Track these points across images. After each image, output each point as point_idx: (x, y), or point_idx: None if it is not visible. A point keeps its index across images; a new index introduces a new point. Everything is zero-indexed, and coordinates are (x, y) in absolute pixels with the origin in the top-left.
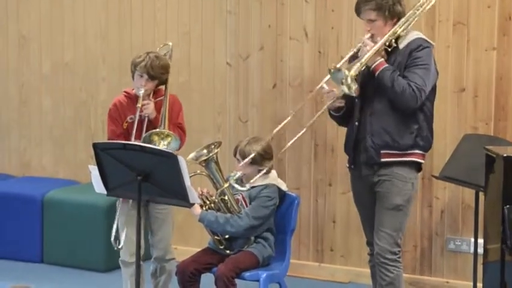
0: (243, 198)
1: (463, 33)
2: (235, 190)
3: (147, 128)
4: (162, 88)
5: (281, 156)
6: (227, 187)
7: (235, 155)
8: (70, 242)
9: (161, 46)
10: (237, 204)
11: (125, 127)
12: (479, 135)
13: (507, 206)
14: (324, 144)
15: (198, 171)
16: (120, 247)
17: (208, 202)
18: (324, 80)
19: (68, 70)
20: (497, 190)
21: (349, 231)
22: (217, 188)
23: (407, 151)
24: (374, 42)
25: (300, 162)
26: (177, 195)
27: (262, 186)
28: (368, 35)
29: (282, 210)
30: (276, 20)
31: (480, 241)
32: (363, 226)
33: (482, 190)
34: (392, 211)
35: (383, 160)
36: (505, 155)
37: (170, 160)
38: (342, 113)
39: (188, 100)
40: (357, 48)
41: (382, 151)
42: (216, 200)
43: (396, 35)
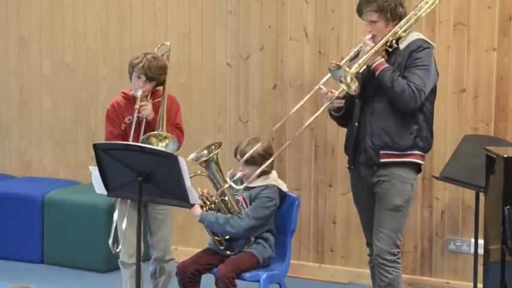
0: (244, 198)
1: (464, 33)
2: (235, 190)
3: (145, 129)
4: (160, 89)
5: (281, 156)
6: (227, 188)
7: (235, 156)
8: (70, 243)
9: (159, 46)
10: (238, 204)
11: (123, 128)
12: (479, 135)
13: (507, 207)
14: (325, 145)
15: (199, 171)
16: (118, 250)
17: (208, 203)
18: (323, 81)
19: (69, 70)
20: (497, 191)
21: (349, 232)
22: (217, 189)
23: (406, 152)
24: (375, 43)
25: (301, 163)
26: (178, 195)
27: (262, 186)
28: (369, 36)
29: (283, 210)
30: (277, 21)
31: (480, 242)
32: (363, 227)
33: (482, 191)
34: (391, 212)
35: (382, 161)
36: (505, 156)
37: (170, 161)
38: (342, 113)
39: (188, 100)
40: (358, 48)
41: (381, 151)
42: (217, 201)
43: (397, 36)
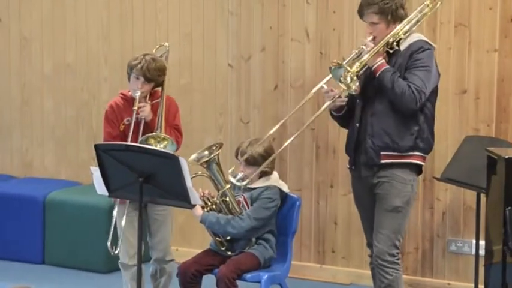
0: (245, 199)
1: (465, 35)
2: (236, 191)
3: (144, 131)
4: (159, 90)
5: (283, 157)
6: (228, 188)
7: (236, 156)
8: (71, 243)
9: (157, 47)
10: (239, 205)
11: (122, 129)
12: (480, 136)
13: (509, 208)
14: (326, 145)
15: (200, 172)
16: (116, 252)
17: (209, 203)
18: (324, 81)
19: (70, 70)
20: (498, 192)
21: (350, 232)
22: (218, 190)
23: (407, 153)
24: (375, 44)
25: (302, 163)
26: (179, 196)
27: (263, 187)
28: (370, 38)
29: (284, 211)
30: (278, 21)
31: (482, 243)
32: (363, 228)
33: (483, 192)
34: (391, 213)
35: (383, 161)
36: (507, 157)
37: (172, 161)
38: (343, 113)
39: (190, 101)
40: (359, 50)
41: (381, 152)
42: (218, 201)
43: (397, 37)
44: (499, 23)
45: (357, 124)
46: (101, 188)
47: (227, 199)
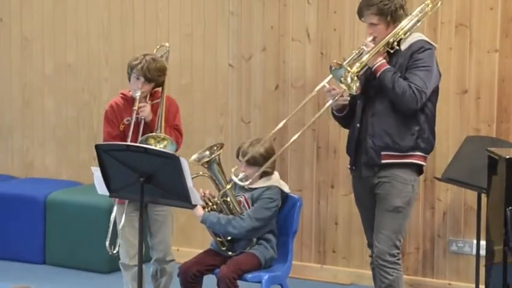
0: (246, 199)
1: (466, 35)
2: (237, 191)
3: (144, 131)
4: (159, 90)
5: (283, 157)
6: (229, 188)
7: (237, 157)
8: (72, 243)
9: (158, 47)
10: (239, 205)
11: (122, 129)
12: (481, 137)
13: (509, 208)
14: (326, 146)
15: (201, 172)
16: (115, 252)
17: (210, 203)
18: (325, 81)
19: (71, 71)
20: (499, 192)
21: (351, 233)
22: (219, 190)
23: (407, 153)
24: (375, 44)
25: (302, 163)
26: (180, 196)
27: (264, 187)
28: (370, 38)
29: (284, 211)
30: (279, 21)
31: (482, 243)
32: (364, 228)
33: (484, 192)
34: (391, 213)
35: (383, 161)
36: (508, 157)
37: (172, 162)
38: (345, 113)
39: (190, 101)
40: (359, 50)
41: (382, 152)
42: (218, 202)
43: (398, 37)
44: (500, 23)
45: (358, 124)
46: (102, 188)
47: (228, 199)
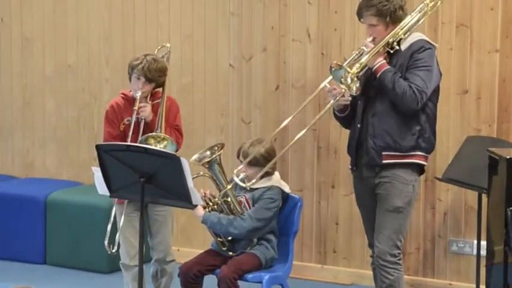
0: (246, 200)
1: (466, 35)
2: (238, 192)
3: (144, 131)
4: (160, 90)
5: (284, 157)
6: (230, 189)
7: (238, 157)
8: (72, 243)
9: (159, 48)
10: (240, 206)
11: (122, 129)
12: (482, 137)
13: (510, 208)
14: (327, 146)
15: (201, 172)
16: (114, 251)
17: (211, 204)
18: (325, 82)
19: (71, 71)
20: (500, 192)
21: (351, 233)
22: (220, 190)
23: (409, 153)
24: (375, 44)
25: (303, 164)
26: (180, 196)
27: (265, 188)
28: (370, 39)
29: (285, 212)
30: (279, 22)
31: (483, 243)
32: (365, 228)
33: (485, 192)
34: (392, 213)
35: (384, 162)
36: (508, 157)
37: (173, 162)
38: (347, 114)
39: (191, 101)
40: (359, 50)
41: (383, 153)
42: (219, 202)
43: (397, 37)
44: (501, 24)
45: (359, 125)
46: (102, 188)
47: (229, 199)
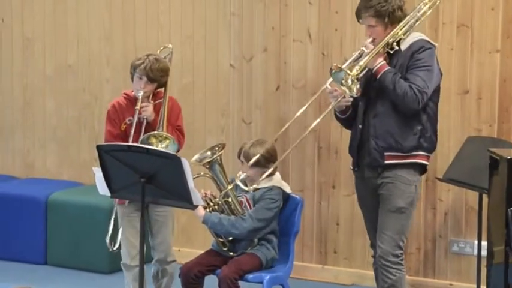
0: (247, 200)
1: (467, 35)
2: (238, 192)
3: (146, 131)
4: (162, 90)
5: (285, 158)
6: (231, 189)
7: (239, 157)
8: (73, 244)
9: (161, 49)
10: (241, 206)
11: (123, 129)
12: (482, 137)
13: (511, 209)
14: (328, 146)
15: (202, 173)
16: (115, 249)
17: (212, 204)
18: (328, 83)
19: (72, 71)
20: (501, 192)
21: (352, 233)
22: (221, 190)
23: (411, 153)
24: (375, 45)
25: (304, 164)
26: (181, 197)
27: (266, 188)
28: (370, 39)
29: (286, 212)
30: (280, 22)
31: (484, 243)
32: (367, 228)
33: (485, 192)
34: (394, 213)
35: (387, 162)
36: (509, 158)
37: (174, 162)
38: (348, 115)
39: (191, 102)
40: (359, 51)
41: (385, 153)
42: (220, 202)
43: (397, 38)
44: (501, 24)
45: (360, 126)
46: (103, 189)
47: (229, 200)
